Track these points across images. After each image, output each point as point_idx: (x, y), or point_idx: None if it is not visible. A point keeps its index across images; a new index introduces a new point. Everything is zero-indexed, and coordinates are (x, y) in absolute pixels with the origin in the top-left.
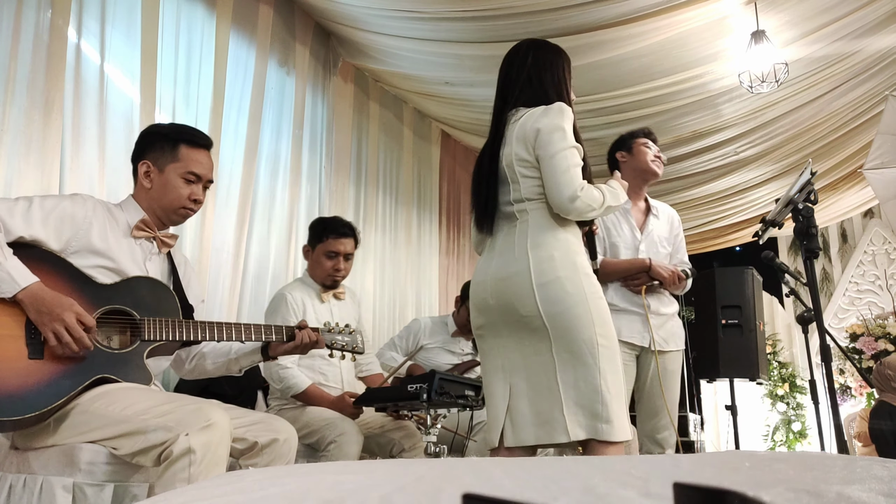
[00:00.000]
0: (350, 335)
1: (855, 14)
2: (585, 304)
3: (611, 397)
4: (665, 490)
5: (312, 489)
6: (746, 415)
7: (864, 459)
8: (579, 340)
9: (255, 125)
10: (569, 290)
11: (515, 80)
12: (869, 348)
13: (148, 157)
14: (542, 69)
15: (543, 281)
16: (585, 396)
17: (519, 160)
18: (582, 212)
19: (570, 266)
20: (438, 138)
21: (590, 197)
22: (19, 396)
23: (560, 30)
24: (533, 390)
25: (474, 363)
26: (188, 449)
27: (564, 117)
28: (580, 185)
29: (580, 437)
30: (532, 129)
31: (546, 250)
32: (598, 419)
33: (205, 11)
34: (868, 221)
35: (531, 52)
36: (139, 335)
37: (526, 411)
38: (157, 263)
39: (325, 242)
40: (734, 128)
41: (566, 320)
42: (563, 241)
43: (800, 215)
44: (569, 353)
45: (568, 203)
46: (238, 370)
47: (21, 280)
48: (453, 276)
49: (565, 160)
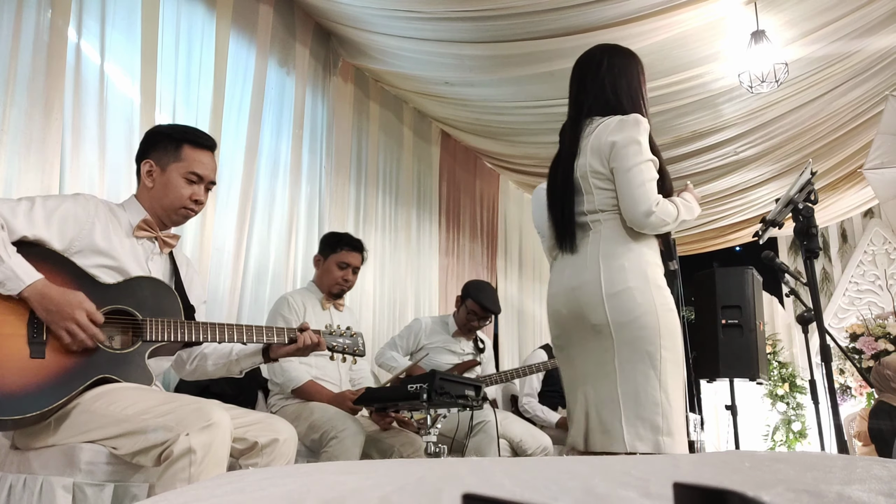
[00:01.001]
0: (351, 338)
1: (855, 14)
2: (654, 315)
3: (671, 410)
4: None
5: (312, 489)
6: (746, 415)
7: (864, 459)
8: (643, 351)
9: (255, 125)
10: (638, 300)
11: (590, 89)
12: (869, 348)
13: (151, 157)
14: (617, 76)
15: (614, 290)
16: (646, 409)
17: (593, 172)
18: (656, 227)
19: (641, 276)
20: (438, 138)
21: (664, 212)
22: (20, 396)
23: (560, 30)
24: (598, 398)
25: (474, 363)
26: (189, 449)
27: (640, 130)
28: (655, 201)
29: (639, 449)
30: (607, 142)
31: (617, 260)
32: (658, 432)
33: (205, 11)
34: (868, 221)
35: (605, 57)
36: (141, 335)
37: (595, 418)
38: (158, 263)
39: (340, 253)
40: (734, 128)
41: (633, 330)
42: (635, 251)
43: (800, 215)
44: (631, 364)
45: (643, 218)
46: (239, 372)
47: (26, 277)
48: (453, 276)
49: (640, 174)
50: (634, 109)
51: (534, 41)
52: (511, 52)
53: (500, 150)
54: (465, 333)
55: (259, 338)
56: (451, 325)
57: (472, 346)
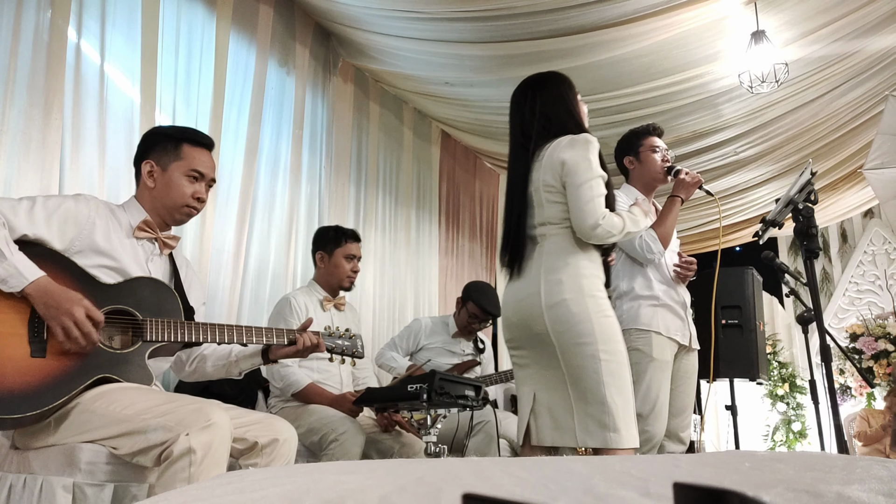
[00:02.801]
0: (350, 340)
1: (855, 14)
2: (589, 324)
3: (616, 408)
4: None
5: (312, 489)
6: (746, 415)
7: (864, 459)
8: (583, 356)
9: (255, 125)
10: (573, 310)
11: (531, 120)
12: (869, 348)
13: (151, 157)
14: (557, 101)
15: (551, 303)
16: (593, 408)
17: (546, 185)
18: (602, 238)
19: (575, 289)
20: (438, 138)
21: (610, 224)
22: (21, 395)
23: (560, 30)
24: (551, 399)
25: (474, 363)
26: (189, 449)
27: (590, 148)
28: (602, 214)
29: (589, 444)
30: (558, 160)
31: (556, 275)
32: (606, 429)
33: (205, 11)
34: (868, 221)
35: (535, 91)
36: (141, 335)
37: (546, 416)
38: (158, 264)
39: (345, 246)
40: (734, 128)
41: (571, 338)
42: (572, 265)
43: (800, 215)
44: (575, 368)
45: (590, 230)
46: (238, 373)
47: (28, 274)
48: (453, 277)
49: (590, 190)
50: (578, 127)
51: (534, 41)
52: (511, 52)
53: (500, 150)
54: (465, 334)
55: (259, 339)
56: (451, 325)
57: (472, 346)
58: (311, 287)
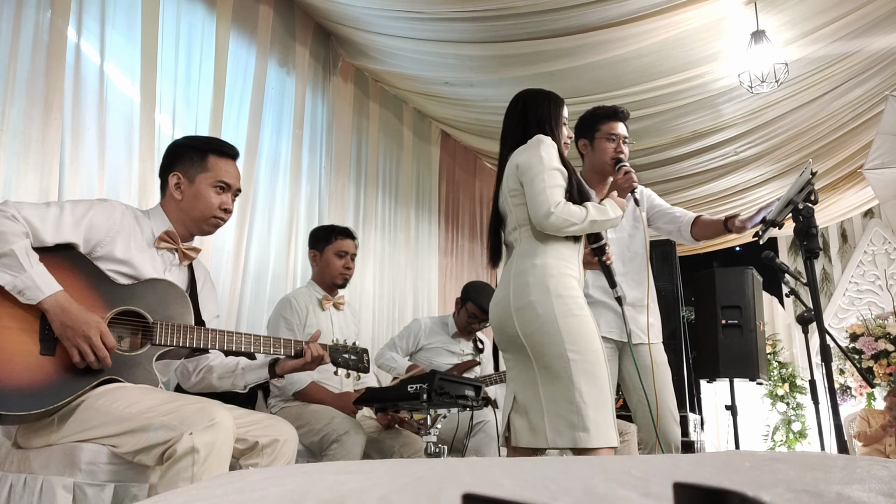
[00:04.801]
0: (357, 354)
1: (855, 14)
2: (555, 324)
3: (586, 407)
4: (665, 490)
5: (312, 489)
6: (746, 415)
7: (864, 459)
8: (552, 356)
9: (255, 125)
10: (539, 312)
11: (509, 128)
12: (869, 348)
13: (177, 169)
14: (527, 111)
15: (519, 305)
16: (563, 408)
17: (510, 191)
18: (559, 226)
19: (541, 290)
20: (438, 138)
21: (566, 213)
22: (28, 392)
23: (560, 30)
24: (526, 400)
25: (474, 363)
26: (192, 448)
27: (542, 146)
28: (555, 202)
29: (559, 444)
30: (514, 164)
31: (523, 277)
32: (575, 428)
33: (205, 11)
34: (868, 221)
35: (521, 100)
36: (150, 339)
37: (523, 418)
38: (177, 275)
39: (336, 243)
40: (734, 128)
41: (539, 338)
42: (539, 266)
43: (800, 215)
44: (546, 369)
45: (543, 219)
46: (243, 386)
47: (46, 288)
48: (452, 277)
49: (542, 182)
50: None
51: (534, 41)
52: (511, 52)
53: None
54: (464, 335)
55: (266, 348)
56: (451, 325)
57: (472, 346)
58: (311, 287)
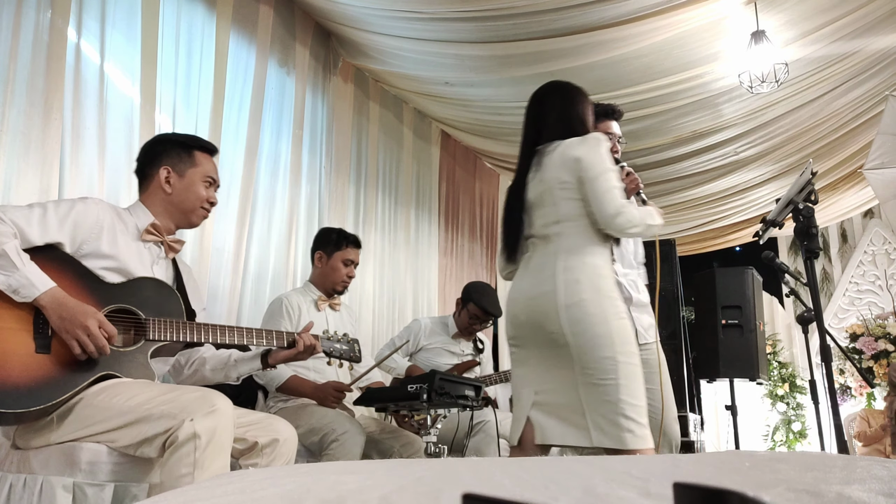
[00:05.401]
0: (348, 344)
1: (855, 14)
2: (606, 325)
3: (631, 408)
4: (665, 490)
5: (312, 489)
6: (746, 415)
7: (864, 459)
8: (599, 357)
9: (255, 125)
10: (591, 311)
11: (546, 118)
12: (869, 348)
13: (167, 163)
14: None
15: (569, 302)
16: (608, 408)
17: (560, 183)
18: (624, 227)
19: (594, 290)
20: (438, 138)
21: (631, 214)
22: (24, 390)
23: (560, 30)
24: (558, 398)
25: (474, 363)
26: (193, 434)
27: (602, 145)
28: (622, 204)
29: (604, 444)
30: (572, 157)
31: (573, 274)
32: (621, 429)
33: (205, 11)
34: (868, 221)
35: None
36: (144, 334)
37: (551, 416)
38: (163, 268)
39: (345, 250)
40: (734, 128)
41: (588, 339)
42: (590, 265)
43: (800, 215)
44: (590, 369)
45: (611, 219)
46: (236, 377)
47: (41, 285)
48: (452, 277)
49: (608, 181)
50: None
51: (534, 41)
52: (511, 52)
53: (500, 150)
54: (464, 335)
55: (259, 340)
56: (451, 326)
57: (472, 346)
58: (306, 287)
